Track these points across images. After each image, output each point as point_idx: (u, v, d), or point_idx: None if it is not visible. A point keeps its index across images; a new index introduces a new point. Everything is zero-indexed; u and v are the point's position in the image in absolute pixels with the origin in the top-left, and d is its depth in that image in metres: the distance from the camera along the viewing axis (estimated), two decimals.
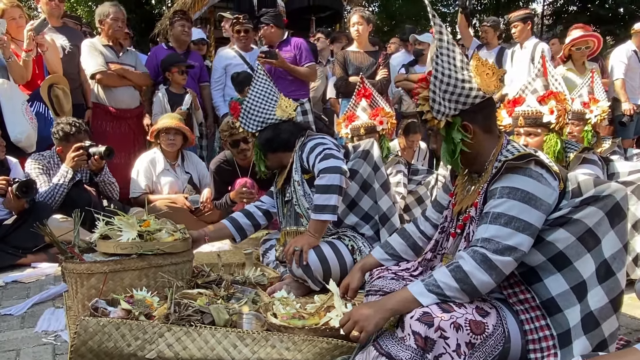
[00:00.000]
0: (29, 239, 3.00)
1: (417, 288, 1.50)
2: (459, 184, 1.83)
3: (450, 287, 1.48)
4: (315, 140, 2.59)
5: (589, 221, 1.50)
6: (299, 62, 4.68)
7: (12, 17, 3.87)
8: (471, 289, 1.48)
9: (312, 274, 2.36)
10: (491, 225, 1.51)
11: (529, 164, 1.55)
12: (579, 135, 3.29)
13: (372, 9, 15.25)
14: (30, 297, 2.51)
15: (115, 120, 4.34)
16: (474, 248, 1.51)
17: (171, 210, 3.58)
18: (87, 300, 2.02)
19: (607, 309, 1.47)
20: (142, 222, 2.21)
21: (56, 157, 3.57)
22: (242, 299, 2.06)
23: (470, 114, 1.64)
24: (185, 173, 4.10)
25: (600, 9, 14.29)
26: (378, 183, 2.70)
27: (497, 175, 1.57)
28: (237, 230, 2.75)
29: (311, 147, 2.54)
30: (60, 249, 2.19)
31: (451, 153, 1.66)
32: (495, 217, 1.51)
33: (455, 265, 1.49)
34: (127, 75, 4.30)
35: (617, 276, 1.48)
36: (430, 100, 1.62)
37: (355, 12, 4.93)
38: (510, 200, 1.51)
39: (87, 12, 12.01)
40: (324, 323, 1.80)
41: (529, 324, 1.56)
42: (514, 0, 16.52)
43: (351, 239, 2.56)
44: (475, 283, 1.47)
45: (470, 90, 1.61)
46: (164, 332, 1.69)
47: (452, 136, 1.64)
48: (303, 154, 2.58)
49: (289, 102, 2.73)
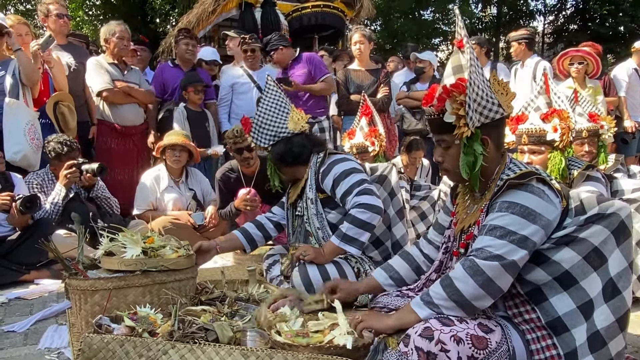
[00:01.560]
0: (33, 255, 3.00)
1: (415, 300, 1.55)
2: (460, 203, 1.83)
3: (440, 295, 1.50)
4: (344, 164, 2.53)
5: (594, 240, 1.50)
6: (315, 77, 4.71)
7: (19, 33, 3.92)
8: (458, 296, 1.49)
9: (313, 289, 2.35)
10: (485, 237, 1.53)
11: (531, 181, 1.56)
12: (595, 152, 3.17)
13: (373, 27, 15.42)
14: (33, 313, 2.51)
15: (120, 137, 4.38)
16: (465, 257, 1.53)
17: (175, 227, 3.59)
18: (90, 317, 2.01)
19: (614, 328, 1.46)
20: (146, 239, 2.21)
21: (50, 174, 3.60)
22: (246, 316, 2.06)
23: (489, 129, 1.65)
24: (189, 190, 4.11)
25: (600, 27, 14.40)
26: (393, 209, 2.68)
27: (498, 192, 1.58)
28: (247, 240, 2.76)
29: (343, 172, 2.49)
30: (64, 266, 2.19)
31: (471, 165, 1.64)
32: (491, 230, 1.52)
33: (445, 275, 1.53)
34: (132, 92, 4.34)
35: (623, 295, 1.48)
36: (466, 105, 1.58)
37: (356, 30, 4.98)
38: (508, 215, 1.52)
39: (92, 31, 12.17)
40: (328, 341, 1.79)
41: (535, 343, 1.55)
42: (515, 19, 16.68)
43: (358, 261, 2.53)
44: (460, 289, 1.48)
45: (493, 104, 1.63)
46: (168, 350, 1.68)
47: (474, 148, 1.63)
48: (324, 173, 2.53)
49: (301, 115, 2.70)
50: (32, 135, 3.69)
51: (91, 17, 13.33)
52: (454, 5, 15.87)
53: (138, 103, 4.47)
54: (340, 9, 6.98)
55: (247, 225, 2.81)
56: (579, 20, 15.60)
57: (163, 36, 8.28)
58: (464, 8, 16.01)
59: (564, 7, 16.52)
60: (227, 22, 6.82)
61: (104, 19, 11.39)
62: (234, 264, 3.53)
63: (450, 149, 1.68)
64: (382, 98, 4.81)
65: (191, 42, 4.84)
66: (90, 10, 13.51)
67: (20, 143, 3.64)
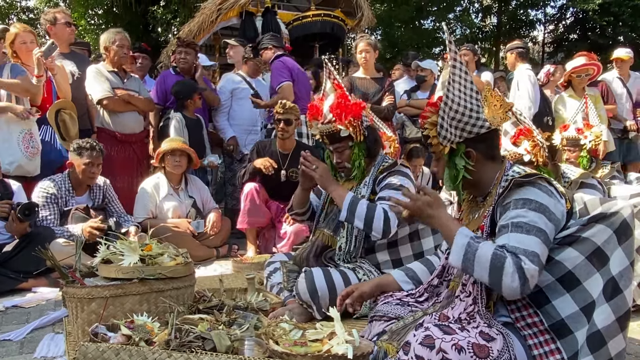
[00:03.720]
0: (30, 264, 2.98)
1: (461, 239, 1.52)
2: (464, 209, 1.84)
3: (483, 265, 1.46)
4: (403, 179, 2.50)
5: (597, 239, 1.50)
6: (273, 87, 4.71)
7: (24, 41, 3.93)
8: (495, 281, 1.46)
9: (318, 297, 2.32)
10: (513, 234, 1.50)
11: (537, 180, 1.58)
12: (575, 161, 3.34)
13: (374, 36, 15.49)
14: (29, 322, 2.49)
15: (120, 145, 4.37)
16: (511, 253, 1.46)
17: (174, 235, 3.58)
18: (87, 325, 1.99)
19: (614, 328, 1.45)
20: (144, 246, 2.20)
21: (68, 183, 3.56)
22: (244, 324, 2.03)
23: (474, 142, 1.68)
24: (189, 197, 4.10)
25: (599, 37, 14.46)
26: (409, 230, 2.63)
27: (505, 192, 1.59)
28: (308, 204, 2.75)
29: (396, 185, 2.47)
30: (62, 273, 2.18)
31: (453, 178, 1.70)
32: (516, 226, 1.51)
33: (501, 255, 1.45)
34: (132, 100, 4.34)
35: (624, 294, 1.47)
36: (438, 125, 1.65)
37: (362, 39, 4.98)
38: (527, 210, 1.52)
39: (94, 40, 12.22)
40: (326, 350, 1.77)
41: (537, 348, 1.53)
42: (516, 29, 16.74)
43: (366, 274, 2.47)
44: (503, 282, 1.44)
45: (477, 120, 1.66)
46: (164, 358, 1.65)
47: (455, 162, 1.68)
48: (385, 178, 2.51)
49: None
50: (27, 144, 3.69)
51: (93, 26, 13.39)
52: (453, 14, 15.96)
53: (138, 111, 4.47)
54: (340, 18, 7.01)
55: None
56: (579, 30, 15.65)
57: (165, 45, 8.30)
58: (464, 17, 16.08)
59: (563, 16, 16.59)
60: (228, 30, 6.86)
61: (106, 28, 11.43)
62: (233, 272, 3.51)
63: (440, 160, 1.75)
64: (387, 106, 4.81)
65: (184, 51, 4.84)
66: (93, 20, 13.57)
67: (13, 154, 3.65)
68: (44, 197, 3.44)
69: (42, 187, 3.48)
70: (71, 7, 13.11)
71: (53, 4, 13.00)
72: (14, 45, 3.93)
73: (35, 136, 3.79)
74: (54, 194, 3.48)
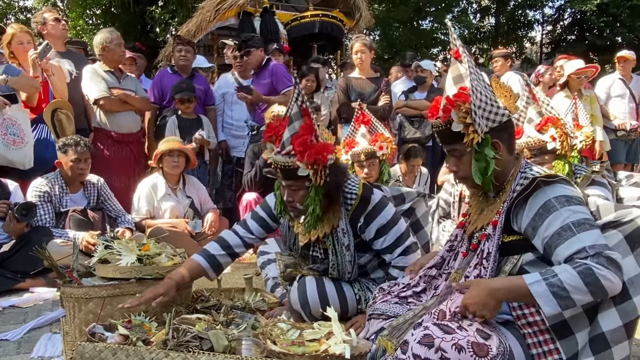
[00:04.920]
0: (28, 263, 2.98)
1: (538, 287, 1.41)
2: (472, 205, 1.82)
3: (579, 289, 1.39)
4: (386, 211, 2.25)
5: (607, 243, 1.49)
6: (277, 88, 4.66)
7: (20, 41, 3.92)
8: (600, 291, 1.41)
9: (310, 310, 2.25)
10: (582, 234, 1.46)
11: (560, 181, 1.57)
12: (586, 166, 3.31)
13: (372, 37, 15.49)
14: (27, 322, 2.48)
15: (116, 145, 4.36)
16: (592, 255, 1.41)
17: (171, 235, 3.57)
18: (84, 325, 1.99)
19: (620, 333, 1.45)
20: (141, 246, 2.20)
21: (61, 180, 3.55)
22: (242, 324, 2.03)
23: (498, 132, 1.66)
24: (187, 197, 4.09)
25: (597, 38, 14.48)
26: (419, 244, 2.58)
27: (525, 192, 1.56)
28: (213, 266, 2.27)
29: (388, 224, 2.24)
30: (59, 273, 2.18)
31: (483, 170, 1.64)
32: (579, 226, 1.47)
33: (585, 268, 1.39)
34: (128, 100, 4.33)
35: (633, 300, 1.46)
36: (472, 112, 1.60)
37: (357, 39, 4.98)
38: (575, 206, 1.51)
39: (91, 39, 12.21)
40: (323, 350, 1.77)
41: (536, 347, 1.53)
42: (514, 30, 16.76)
43: (362, 289, 2.35)
44: (605, 285, 1.39)
45: (498, 108, 1.64)
46: (162, 358, 1.65)
47: (485, 153, 1.63)
48: (367, 220, 2.23)
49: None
50: (4, 130, 3.59)
51: (91, 26, 13.36)
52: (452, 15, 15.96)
53: (135, 110, 4.46)
54: (339, 19, 7.01)
55: (210, 246, 2.31)
56: (577, 31, 15.67)
57: (163, 45, 8.29)
58: (462, 18, 16.08)
59: (561, 17, 16.61)
60: (226, 30, 6.86)
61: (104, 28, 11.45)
62: (231, 272, 3.51)
63: (464, 157, 1.68)
64: (383, 106, 4.81)
65: (184, 49, 4.83)
66: (91, 20, 13.55)
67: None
68: (37, 196, 3.43)
69: (35, 186, 3.47)
70: (69, 7, 13.10)
71: (50, 4, 12.96)
72: (11, 46, 3.92)
73: (22, 126, 3.70)
74: (47, 192, 3.47)
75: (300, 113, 2.06)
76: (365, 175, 3.42)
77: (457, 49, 1.68)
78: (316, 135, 2.06)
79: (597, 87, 5.83)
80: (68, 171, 3.52)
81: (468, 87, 1.62)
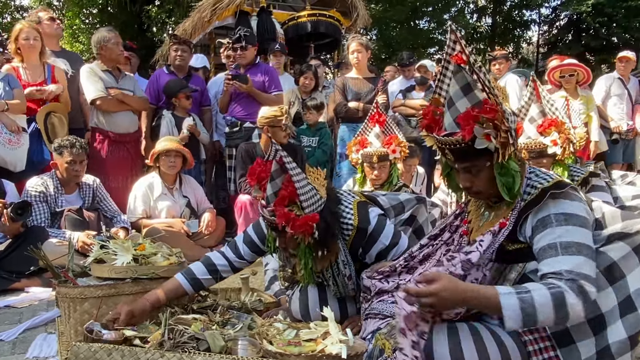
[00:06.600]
0: (23, 263, 2.95)
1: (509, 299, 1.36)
2: (472, 210, 1.77)
3: (546, 311, 1.36)
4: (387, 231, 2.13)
5: (614, 255, 1.48)
6: (268, 89, 4.67)
7: (27, 37, 3.91)
8: (563, 318, 1.39)
9: (310, 318, 2.18)
10: (566, 257, 1.42)
11: (569, 190, 1.51)
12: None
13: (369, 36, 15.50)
14: (22, 322, 2.48)
15: (113, 144, 4.33)
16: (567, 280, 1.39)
17: (168, 235, 3.56)
18: (80, 325, 1.98)
19: (625, 345, 1.45)
20: (137, 246, 2.19)
21: (56, 180, 3.54)
22: (238, 324, 2.03)
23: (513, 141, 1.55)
24: (183, 197, 4.08)
25: (593, 39, 14.53)
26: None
27: (535, 202, 1.51)
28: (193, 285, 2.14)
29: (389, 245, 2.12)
30: (54, 273, 2.16)
31: (511, 185, 1.54)
32: (565, 247, 1.43)
33: (557, 291, 1.37)
34: (126, 100, 4.32)
35: (638, 312, 1.46)
36: (511, 130, 1.50)
37: (354, 39, 4.98)
38: (571, 227, 1.46)
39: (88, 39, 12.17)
40: (320, 350, 1.76)
41: (537, 355, 1.52)
42: (511, 30, 16.81)
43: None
44: (570, 313, 1.37)
45: (510, 115, 1.54)
46: (157, 359, 1.65)
47: (511, 167, 1.54)
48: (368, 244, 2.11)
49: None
50: (1, 130, 3.61)
51: (88, 26, 13.33)
52: (449, 15, 15.99)
53: (132, 110, 4.45)
54: (336, 18, 7.01)
55: (195, 267, 2.17)
56: (573, 32, 15.71)
57: (160, 45, 8.28)
58: (459, 18, 16.12)
59: (558, 17, 16.65)
60: (222, 30, 6.85)
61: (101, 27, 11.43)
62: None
63: (481, 172, 1.56)
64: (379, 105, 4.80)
65: (180, 48, 4.82)
66: (87, 19, 13.52)
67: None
68: (33, 196, 3.42)
69: (30, 186, 3.46)
70: (66, 6, 13.07)
71: (46, 3, 12.92)
72: (18, 42, 3.92)
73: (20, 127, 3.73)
74: (43, 192, 3.46)
75: (281, 169, 1.93)
76: (374, 177, 3.35)
77: (459, 55, 1.55)
78: (298, 196, 1.89)
79: (595, 86, 5.82)
80: (63, 172, 3.51)
81: (488, 99, 1.49)
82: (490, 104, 1.49)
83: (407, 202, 2.44)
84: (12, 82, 3.75)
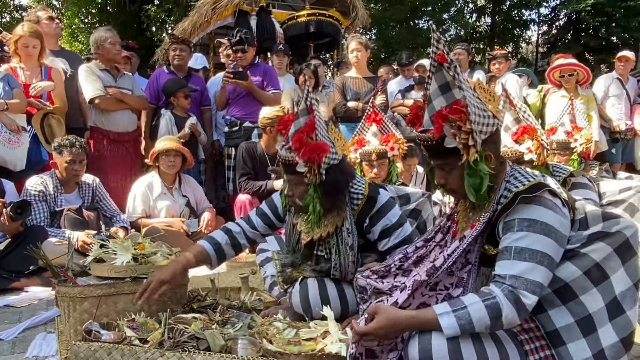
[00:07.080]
0: (23, 263, 2.96)
1: (447, 320, 1.42)
2: (460, 212, 1.77)
3: (483, 324, 1.42)
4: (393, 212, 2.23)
5: (596, 256, 1.48)
6: (265, 88, 4.69)
7: (26, 45, 3.91)
8: (499, 327, 1.44)
9: (312, 313, 2.21)
10: (515, 262, 1.45)
11: (543, 194, 1.50)
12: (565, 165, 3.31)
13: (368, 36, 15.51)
14: (22, 321, 2.47)
15: (112, 144, 4.33)
16: (507, 287, 1.43)
17: (167, 234, 3.56)
18: (79, 324, 1.98)
19: (618, 348, 1.45)
20: (137, 245, 2.19)
21: (55, 179, 3.54)
22: (238, 324, 2.03)
23: (488, 144, 1.56)
24: (183, 197, 4.08)
25: (592, 38, 14.54)
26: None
27: (509, 207, 1.52)
28: (218, 255, 2.29)
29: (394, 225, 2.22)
30: (53, 272, 2.17)
31: (478, 187, 1.54)
32: (519, 252, 1.46)
33: (493, 303, 1.42)
34: (124, 99, 4.31)
35: (627, 314, 1.46)
36: (473, 133, 1.50)
37: (353, 38, 4.97)
38: (531, 234, 1.46)
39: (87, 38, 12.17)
40: (319, 349, 1.77)
41: (533, 354, 1.53)
42: (510, 29, 16.80)
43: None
44: (505, 323, 1.42)
45: (489, 117, 1.54)
46: (157, 358, 1.65)
47: (479, 168, 1.53)
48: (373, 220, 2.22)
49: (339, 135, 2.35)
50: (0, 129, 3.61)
51: (87, 25, 13.32)
52: (448, 14, 15.99)
53: (131, 109, 4.44)
54: (335, 18, 7.01)
55: (216, 234, 2.34)
56: (572, 31, 15.72)
57: (159, 44, 8.27)
58: (458, 18, 16.11)
59: (557, 17, 16.66)
60: (222, 30, 6.84)
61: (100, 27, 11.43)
62: (227, 271, 3.50)
63: (454, 170, 1.59)
64: (379, 105, 4.80)
65: (179, 47, 4.81)
66: (87, 18, 13.51)
67: None
68: (32, 195, 3.42)
69: (30, 185, 3.46)
70: (65, 5, 13.06)
71: (45, 3, 12.91)
72: (17, 45, 3.92)
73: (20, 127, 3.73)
74: (42, 191, 3.45)
75: (307, 109, 2.10)
76: (374, 175, 3.36)
77: (442, 53, 1.54)
78: (316, 134, 2.06)
79: (594, 85, 5.85)
80: (63, 172, 3.51)
81: (461, 100, 1.51)
82: (461, 104, 1.51)
83: (412, 194, 2.53)
84: (11, 82, 3.75)
